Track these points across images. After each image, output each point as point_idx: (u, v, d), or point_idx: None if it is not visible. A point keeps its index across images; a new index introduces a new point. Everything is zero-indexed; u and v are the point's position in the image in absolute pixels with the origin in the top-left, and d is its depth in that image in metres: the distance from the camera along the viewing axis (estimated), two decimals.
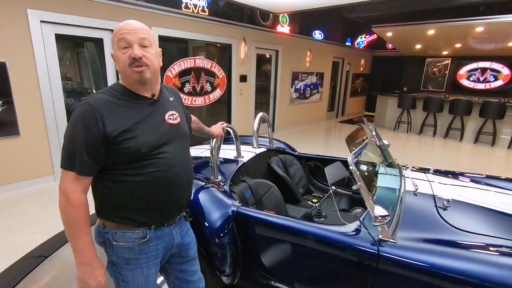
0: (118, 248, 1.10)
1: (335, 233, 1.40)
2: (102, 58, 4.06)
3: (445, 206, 1.56)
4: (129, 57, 1.02)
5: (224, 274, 1.62)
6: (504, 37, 7.06)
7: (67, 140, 1.00)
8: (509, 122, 6.51)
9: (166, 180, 1.10)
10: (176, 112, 1.19)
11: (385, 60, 10.78)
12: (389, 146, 2.07)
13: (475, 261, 1.19)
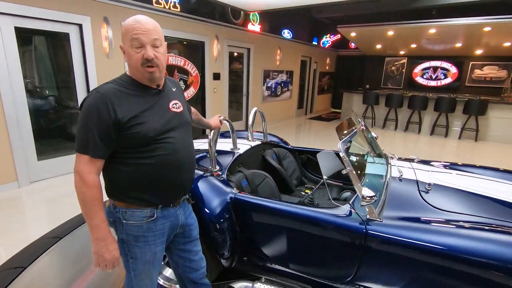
0: (128, 226, 1.18)
1: (327, 215, 1.51)
2: (69, 54, 3.80)
3: (426, 190, 1.72)
4: (142, 57, 1.10)
5: (223, 257, 1.70)
6: (452, 39, 7.82)
7: (81, 127, 1.08)
8: (459, 116, 7.23)
9: (171, 163, 1.19)
10: (179, 102, 1.28)
11: (349, 59, 11.34)
12: (377, 138, 2.23)
13: (451, 235, 1.33)
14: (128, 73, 1.18)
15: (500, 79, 8.51)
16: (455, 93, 8.63)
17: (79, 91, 3.95)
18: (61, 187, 3.60)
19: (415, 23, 6.99)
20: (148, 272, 1.27)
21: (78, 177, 1.08)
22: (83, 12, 3.77)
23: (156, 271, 1.31)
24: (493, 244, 1.25)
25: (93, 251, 1.14)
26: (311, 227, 1.55)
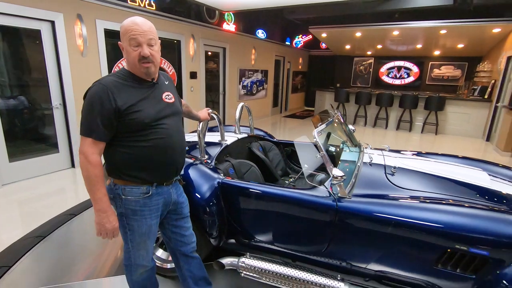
0: (126, 201, 1.35)
1: (303, 194, 1.71)
2: (41, 52, 3.68)
3: (392, 172, 1.95)
4: (139, 54, 1.26)
5: (212, 237, 1.86)
6: (413, 40, 8.43)
7: (86, 113, 1.24)
8: (421, 111, 7.84)
9: (165, 146, 1.36)
10: (171, 93, 1.45)
11: (320, 59, 11.78)
12: (355, 131, 2.46)
13: (411, 208, 1.56)
14: (127, 68, 1.34)
15: (456, 77, 9.30)
16: (417, 91, 9.31)
17: (52, 91, 3.84)
18: (34, 189, 3.48)
19: (380, 25, 7.46)
20: (144, 243, 1.43)
21: (83, 157, 1.23)
22: (55, 9, 3.67)
23: (151, 243, 1.47)
24: (447, 214, 1.48)
25: (95, 221, 1.30)
26: (289, 206, 1.75)
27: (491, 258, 1.37)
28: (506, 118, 5.87)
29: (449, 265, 1.45)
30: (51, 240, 2.41)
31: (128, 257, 1.46)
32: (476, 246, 1.38)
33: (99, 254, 2.32)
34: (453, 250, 1.42)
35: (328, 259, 1.72)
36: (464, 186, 1.87)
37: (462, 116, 7.51)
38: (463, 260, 1.42)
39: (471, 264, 1.42)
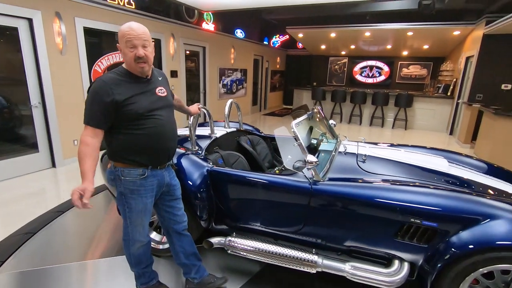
0: (125, 181, 1.53)
1: (283, 179, 1.93)
2: (19, 50, 3.61)
3: (363, 160, 2.18)
4: (135, 55, 1.43)
5: (202, 219, 2.04)
6: (384, 41, 8.93)
7: (89, 105, 1.43)
8: (392, 108, 8.34)
9: (157, 134, 1.54)
10: (163, 88, 1.63)
11: (297, 58, 12.11)
12: (335, 126, 2.68)
13: (375, 189, 1.78)
14: (124, 66, 1.53)
15: (422, 76, 9.95)
16: (388, 89, 9.86)
17: (31, 89, 3.78)
18: (8, 192, 3.37)
19: (353, 26, 7.86)
20: (141, 220, 1.62)
21: (83, 144, 1.40)
22: (33, 6, 3.62)
23: (147, 220, 1.65)
24: (404, 193, 1.72)
25: (72, 193, 1.34)
26: (270, 190, 1.96)
27: (440, 229, 1.59)
28: (466, 113, 6.43)
29: (407, 237, 1.68)
30: (51, 227, 2.44)
31: (127, 232, 1.65)
32: (427, 219, 1.60)
33: (96, 238, 2.42)
34: (409, 224, 1.64)
35: (305, 237, 1.92)
36: (425, 171, 2.12)
37: (429, 112, 8.09)
38: (417, 232, 1.65)
39: (424, 236, 1.64)
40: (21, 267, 2.07)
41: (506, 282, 1.50)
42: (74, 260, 2.18)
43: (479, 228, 1.52)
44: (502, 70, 6.09)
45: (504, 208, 1.56)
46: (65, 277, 2.02)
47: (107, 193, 3.26)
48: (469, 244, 1.49)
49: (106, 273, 2.10)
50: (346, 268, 1.73)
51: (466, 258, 1.48)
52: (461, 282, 1.51)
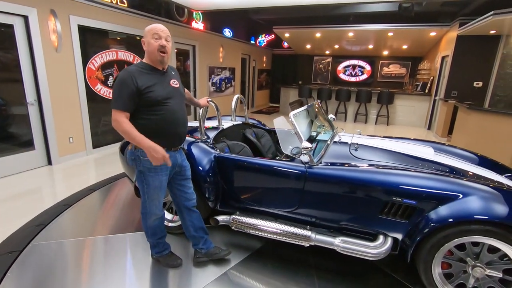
0: (144, 161, 1.76)
1: (281, 163, 2.15)
2: (14, 47, 3.61)
3: (355, 148, 2.39)
4: (159, 45, 1.72)
5: (210, 200, 2.28)
6: (366, 41, 9.34)
7: (116, 92, 1.67)
8: (374, 105, 8.76)
9: (171, 119, 1.79)
10: (176, 80, 1.90)
11: (283, 57, 12.38)
12: (335, 120, 2.91)
13: (362, 172, 1.99)
14: (144, 61, 1.79)
15: (402, 75, 10.48)
16: (370, 87, 10.31)
17: (27, 87, 3.78)
18: (5, 190, 3.37)
19: (337, 27, 8.19)
20: (157, 195, 1.86)
21: (116, 122, 1.65)
22: (29, 4, 3.63)
23: (162, 195, 1.88)
24: (387, 175, 1.93)
25: (148, 157, 1.69)
26: (270, 173, 2.18)
27: (418, 207, 1.79)
28: (442, 109, 6.90)
29: (389, 214, 1.87)
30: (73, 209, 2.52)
31: (145, 206, 1.90)
32: (407, 198, 1.80)
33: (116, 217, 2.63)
34: (392, 202, 1.84)
35: (301, 216, 2.13)
36: (411, 158, 2.34)
37: (408, 109, 8.56)
38: (399, 209, 1.85)
39: (404, 213, 1.84)
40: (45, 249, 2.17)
41: (476, 253, 1.69)
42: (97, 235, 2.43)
43: (454, 205, 1.70)
44: (474, 69, 6.58)
45: (477, 187, 1.75)
46: (91, 250, 2.27)
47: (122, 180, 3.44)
48: (447, 218, 1.66)
49: (125, 247, 2.32)
50: (336, 242, 1.93)
51: (440, 231, 1.67)
52: (436, 252, 1.71)
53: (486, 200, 1.68)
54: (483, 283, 1.71)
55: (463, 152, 2.67)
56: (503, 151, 4.34)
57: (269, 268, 2.11)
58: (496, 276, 1.67)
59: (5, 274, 1.91)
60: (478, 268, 1.68)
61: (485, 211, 1.62)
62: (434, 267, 1.75)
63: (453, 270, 1.76)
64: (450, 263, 1.76)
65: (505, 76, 6.22)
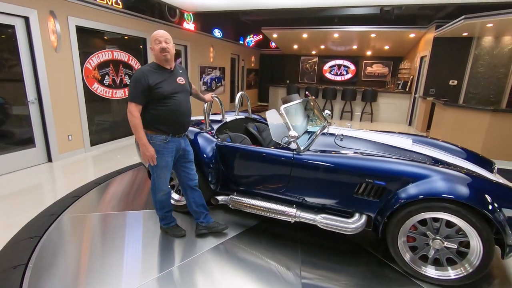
0: (153, 144, 2.10)
1: (272, 150, 2.43)
2: (15, 45, 3.71)
3: (340, 138, 2.66)
4: (160, 48, 2.05)
5: (211, 183, 2.60)
6: (350, 42, 9.76)
7: (132, 87, 2.02)
8: (359, 103, 9.19)
9: (176, 111, 2.13)
10: (183, 78, 2.22)
11: (270, 57, 12.67)
12: (330, 115, 3.20)
13: (342, 158, 2.22)
14: (154, 61, 2.13)
15: (384, 74, 10.98)
16: (355, 85, 10.76)
17: (28, 85, 3.89)
18: (8, 186, 3.48)
19: (323, 28, 8.56)
20: (164, 173, 2.21)
21: (130, 114, 2.01)
22: (30, 5, 3.74)
23: (168, 174, 2.23)
24: (361, 160, 2.18)
25: (141, 152, 2.08)
26: (263, 159, 2.46)
27: (387, 187, 2.03)
28: (421, 106, 7.37)
29: (364, 194, 2.11)
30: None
31: (154, 183, 2.26)
32: (378, 179, 2.05)
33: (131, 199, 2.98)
34: (365, 183, 2.08)
35: (289, 196, 2.39)
36: (390, 147, 2.58)
37: (391, 106, 9.04)
38: (371, 190, 2.08)
39: (376, 192, 2.08)
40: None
41: (437, 228, 1.92)
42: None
43: (416, 185, 1.93)
44: (449, 68, 7.08)
45: (439, 170, 1.98)
46: (112, 223, 2.67)
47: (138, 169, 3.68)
48: (411, 196, 1.88)
49: (139, 221, 2.72)
50: (317, 218, 2.18)
51: (405, 208, 1.91)
52: (401, 226, 1.96)
53: (447, 181, 1.90)
54: (442, 253, 1.94)
55: (446, 144, 2.90)
56: (475, 142, 4.78)
57: (260, 242, 2.42)
58: (452, 248, 1.91)
59: (30, 257, 2.08)
60: (437, 240, 1.91)
61: (445, 191, 1.84)
62: (400, 239, 1.99)
63: (417, 243, 1.99)
64: (414, 237, 1.99)
65: (476, 75, 6.75)
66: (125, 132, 5.74)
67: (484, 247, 1.79)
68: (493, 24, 5.34)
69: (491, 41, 6.51)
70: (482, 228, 1.77)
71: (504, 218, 1.76)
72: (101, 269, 2.01)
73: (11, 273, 1.89)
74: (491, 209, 1.77)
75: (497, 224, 1.73)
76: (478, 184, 1.91)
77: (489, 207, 1.77)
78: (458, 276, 1.91)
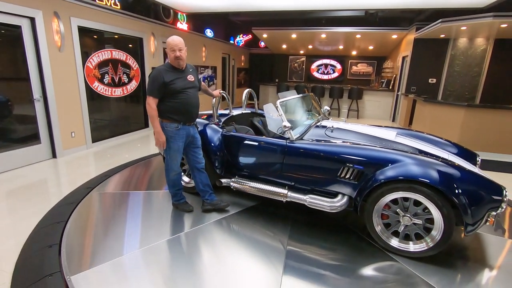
0: (167, 131, 2.52)
1: (269, 139, 2.73)
2: (21, 45, 3.85)
3: (331, 130, 2.96)
4: (175, 56, 2.45)
5: (217, 168, 2.95)
6: (337, 42, 10.19)
7: (150, 84, 2.43)
8: (346, 100, 9.63)
9: (186, 103, 2.53)
10: (192, 76, 2.62)
11: (260, 56, 12.97)
12: (329, 111, 3.50)
13: (328, 146, 2.49)
14: (169, 62, 2.52)
15: (369, 73, 11.50)
16: (341, 84, 11.22)
17: (33, 84, 4.02)
18: (16, 180, 3.62)
19: (311, 29, 8.93)
20: (175, 156, 2.61)
21: (148, 105, 2.43)
22: (35, 6, 3.88)
23: (179, 156, 2.62)
24: (344, 148, 2.47)
25: (155, 138, 2.53)
26: (260, 146, 2.77)
27: (365, 171, 2.29)
28: (403, 103, 7.86)
29: (345, 177, 2.38)
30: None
31: (167, 164, 2.67)
32: (357, 164, 2.32)
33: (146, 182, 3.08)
34: (347, 168, 2.36)
35: (282, 180, 2.70)
36: (375, 138, 2.85)
37: (375, 103, 9.53)
38: (352, 173, 2.35)
39: (356, 176, 2.34)
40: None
41: (406, 207, 2.17)
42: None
43: (390, 168, 2.19)
44: (429, 67, 7.60)
45: (409, 156, 2.24)
46: (135, 200, 3.14)
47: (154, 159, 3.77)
48: (389, 177, 2.11)
49: (154, 199, 3.14)
50: (305, 198, 2.49)
51: (378, 189, 2.16)
52: (375, 204, 2.23)
53: (415, 166, 2.14)
54: (411, 229, 2.19)
55: (432, 137, 3.14)
56: (451, 135, 5.24)
57: (256, 219, 2.76)
58: (419, 224, 2.15)
59: (61, 238, 2.30)
60: (406, 217, 2.17)
61: (413, 174, 2.08)
62: (374, 216, 2.26)
63: (390, 220, 2.25)
64: (388, 214, 2.25)
65: (453, 73, 7.29)
66: (124, 129, 5.91)
67: (444, 224, 2.03)
68: (467, 27, 5.85)
69: (466, 43, 7.06)
70: (443, 206, 2.00)
71: (466, 201, 1.97)
72: (125, 233, 2.48)
73: (47, 251, 2.11)
74: (454, 192, 1.98)
75: (459, 206, 1.96)
76: (445, 170, 2.11)
77: (452, 189, 1.98)
78: (418, 250, 2.16)
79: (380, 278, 2.02)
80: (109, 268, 1.98)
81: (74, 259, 2.05)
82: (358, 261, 2.18)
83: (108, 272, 1.95)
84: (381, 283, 1.95)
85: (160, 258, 2.13)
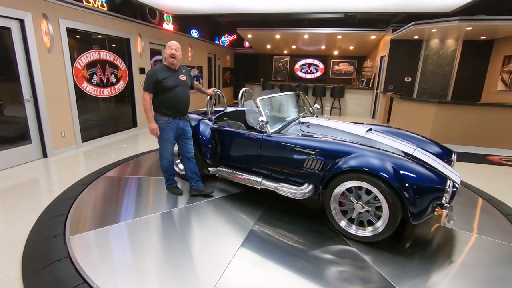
0: (159, 123, 2.86)
1: (248, 132, 3.02)
2: (12, 47, 3.90)
3: (307, 125, 3.17)
4: (170, 52, 2.78)
5: (207, 159, 3.27)
6: (319, 42, 10.55)
7: (146, 80, 2.77)
8: (329, 99, 10.01)
9: (176, 99, 2.84)
10: (184, 76, 2.93)
11: (244, 56, 13.18)
12: (319, 109, 3.77)
13: (295, 139, 2.71)
14: (164, 63, 2.86)
15: (350, 72, 11.95)
16: (324, 83, 11.61)
17: (23, 85, 4.08)
18: (8, 180, 3.71)
19: (294, 29, 9.23)
20: (167, 145, 2.96)
21: (143, 99, 2.77)
22: (24, 8, 3.94)
23: (171, 146, 2.97)
24: (310, 141, 2.69)
25: (148, 127, 2.84)
26: (241, 139, 3.09)
27: (326, 162, 2.51)
28: (382, 100, 8.30)
29: (310, 167, 2.60)
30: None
31: (160, 152, 3.02)
32: (319, 156, 2.54)
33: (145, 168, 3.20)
34: (311, 159, 2.58)
35: (259, 169, 2.97)
36: (345, 133, 3.00)
37: (356, 101, 9.96)
38: (315, 164, 2.56)
39: (319, 166, 2.55)
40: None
41: (359, 195, 2.35)
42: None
43: (347, 160, 2.38)
44: (405, 67, 8.06)
45: (364, 149, 2.42)
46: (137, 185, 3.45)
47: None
48: (344, 167, 2.31)
49: (152, 183, 3.58)
50: (277, 186, 2.77)
51: (335, 178, 2.37)
52: (332, 191, 2.42)
53: (369, 157, 2.31)
54: (364, 215, 2.37)
55: (408, 133, 3.33)
56: (424, 129, 5.67)
57: (236, 203, 3.07)
58: (371, 211, 2.33)
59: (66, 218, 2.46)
60: (359, 205, 2.34)
61: (365, 165, 2.25)
62: (332, 203, 2.47)
63: (347, 207, 2.44)
64: (344, 202, 2.45)
65: (426, 72, 7.78)
66: (113, 129, 5.99)
67: (390, 211, 2.19)
68: (437, 29, 6.30)
69: (438, 43, 7.55)
70: (388, 195, 2.16)
71: (408, 191, 2.10)
72: (122, 209, 2.93)
73: (53, 240, 2.26)
74: (397, 181, 2.12)
75: (401, 195, 2.11)
76: (392, 161, 2.26)
77: (395, 178, 2.13)
78: (367, 235, 2.35)
79: (333, 260, 2.19)
80: (114, 251, 2.17)
81: (81, 247, 2.22)
82: (316, 244, 2.37)
83: (111, 250, 2.15)
84: (332, 263, 2.16)
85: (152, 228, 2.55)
